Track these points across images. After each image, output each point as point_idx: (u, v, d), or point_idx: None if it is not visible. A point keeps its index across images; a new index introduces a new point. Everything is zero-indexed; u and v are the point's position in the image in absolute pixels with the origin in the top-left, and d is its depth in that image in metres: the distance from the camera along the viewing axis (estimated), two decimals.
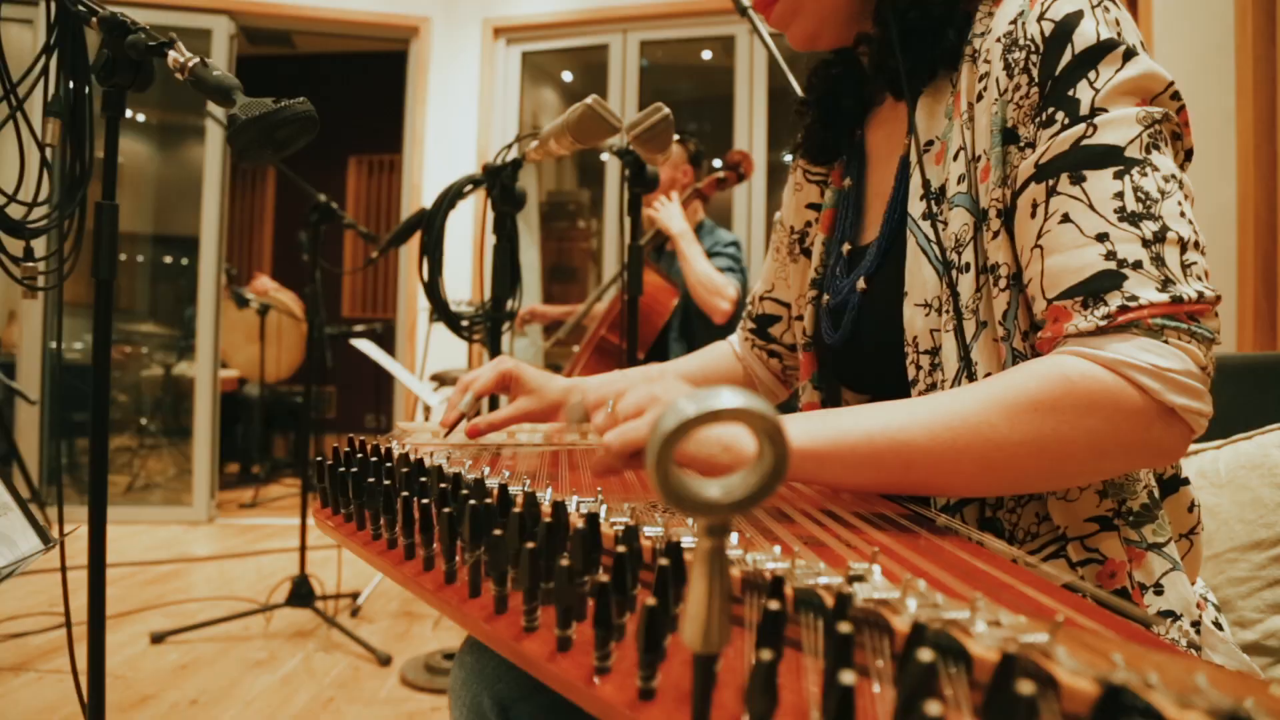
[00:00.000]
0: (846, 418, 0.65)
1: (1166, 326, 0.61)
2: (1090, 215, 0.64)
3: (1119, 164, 0.64)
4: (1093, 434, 0.61)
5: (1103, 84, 0.66)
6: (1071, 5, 0.69)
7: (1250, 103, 1.80)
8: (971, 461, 0.62)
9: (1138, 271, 0.62)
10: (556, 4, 4.65)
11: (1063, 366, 0.61)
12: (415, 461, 0.68)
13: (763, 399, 0.28)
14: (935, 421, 0.62)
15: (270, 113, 0.95)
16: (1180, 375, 0.60)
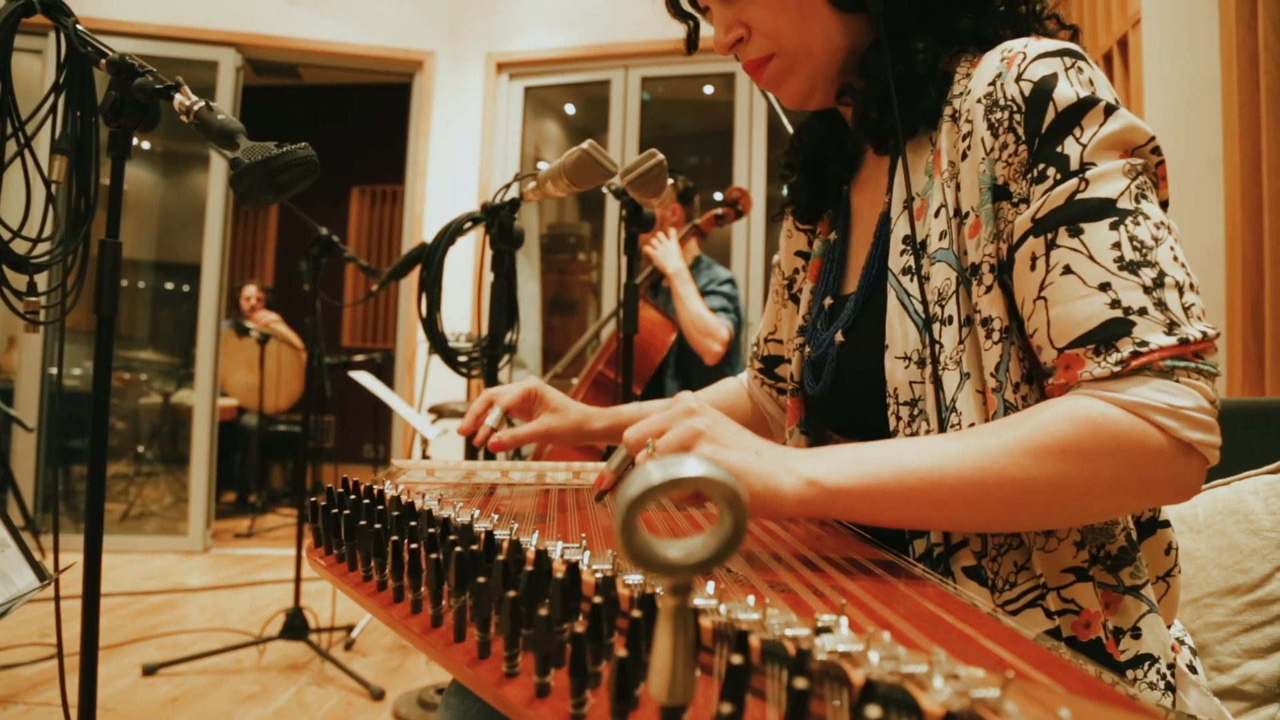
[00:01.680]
0: (875, 456, 0.67)
1: (1177, 367, 0.63)
2: (1091, 266, 0.67)
3: (1113, 215, 0.67)
4: (1118, 474, 0.64)
5: (1088, 139, 0.69)
6: (1046, 68, 0.72)
7: (1236, 147, 1.84)
8: (1000, 501, 0.65)
9: (1144, 318, 0.64)
10: (559, 40, 4.72)
11: (1086, 409, 0.64)
12: (406, 505, 0.70)
13: (721, 468, 0.30)
14: (965, 462, 0.64)
15: (273, 158, 0.97)
16: (1195, 412, 0.63)
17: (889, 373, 0.80)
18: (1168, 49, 2.20)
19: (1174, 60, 2.16)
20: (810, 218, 1.03)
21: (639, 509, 0.30)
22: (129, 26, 4.49)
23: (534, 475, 1.09)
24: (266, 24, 4.68)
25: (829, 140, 0.99)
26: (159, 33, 4.54)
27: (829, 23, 0.86)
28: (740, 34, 0.89)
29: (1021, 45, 0.75)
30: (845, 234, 0.97)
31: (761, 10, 0.86)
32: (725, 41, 0.90)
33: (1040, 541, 0.73)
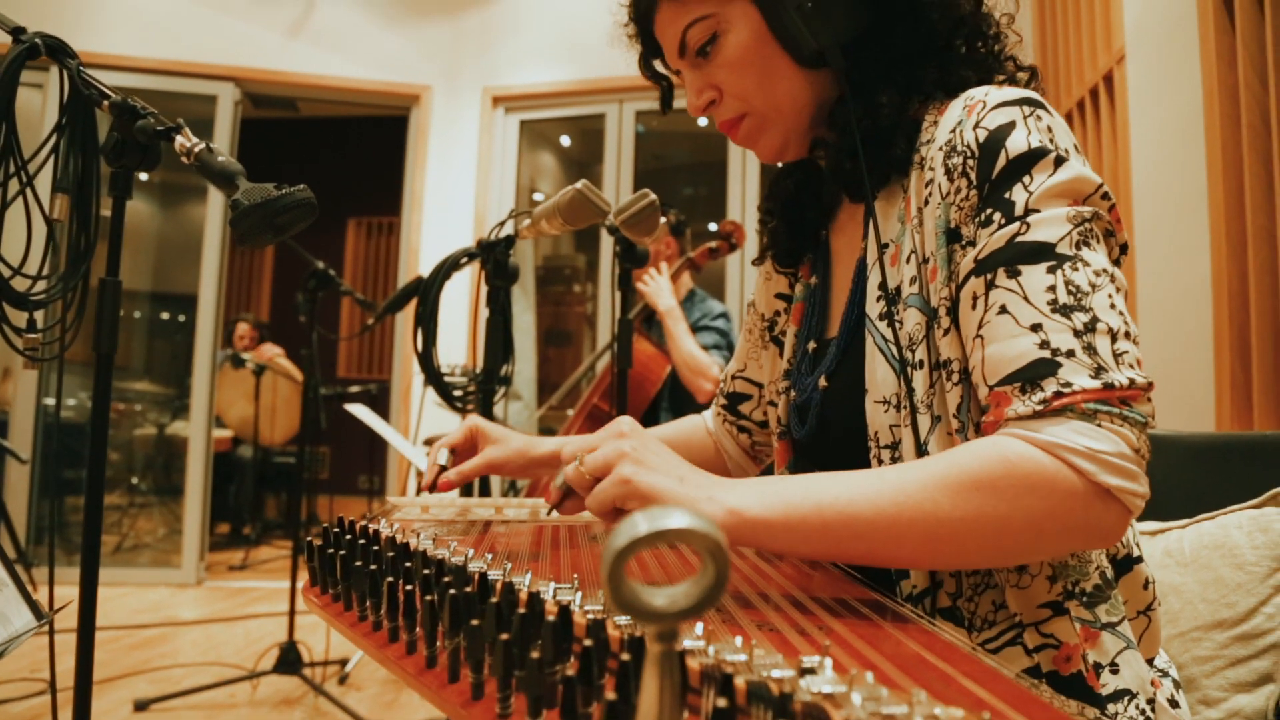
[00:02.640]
0: (797, 488, 0.67)
1: (1099, 411, 0.64)
2: (1025, 307, 0.68)
3: (1052, 259, 0.69)
4: (1031, 513, 0.63)
5: (1036, 187, 0.71)
6: (1004, 116, 0.74)
7: (1220, 182, 1.87)
8: (916, 536, 0.65)
9: (1071, 360, 0.65)
10: (554, 75, 4.78)
11: (1002, 447, 0.65)
12: (401, 545, 0.71)
13: (706, 520, 0.32)
14: (881, 496, 0.65)
15: (272, 200, 0.99)
16: (1113, 457, 0.63)
17: (870, 417, 0.81)
18: (1152, 85, 2.23)
19: (1158, 96, 2.20)
20: (790, 262, 1.05)
21: (625, 560, 0.31)
22: (129, 61, 4.53)
23: (528, 511, 1.10)
24: (266, 58, 4.73)
25: (806, 187, 1.01)
26: (159, 67, 4.58)
27: (795, 80, 0.88)
28: (712, 96, 0.91)
29: (983, 94, 0.77)
30: (826, 278, 0.99)
31: (729, 73, 0.89)
32: (698, 104, 0.92)
33: (1013, 579, 0.74)
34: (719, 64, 0.89)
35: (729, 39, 0.88)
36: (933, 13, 0.84)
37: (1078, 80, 2.73)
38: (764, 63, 0.87)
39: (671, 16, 0.90)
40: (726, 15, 0.87)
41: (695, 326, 2.72)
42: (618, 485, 0.68)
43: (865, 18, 0.84)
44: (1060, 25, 2.90)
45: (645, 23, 0.95)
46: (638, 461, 0.68)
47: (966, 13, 0.86)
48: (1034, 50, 3.15)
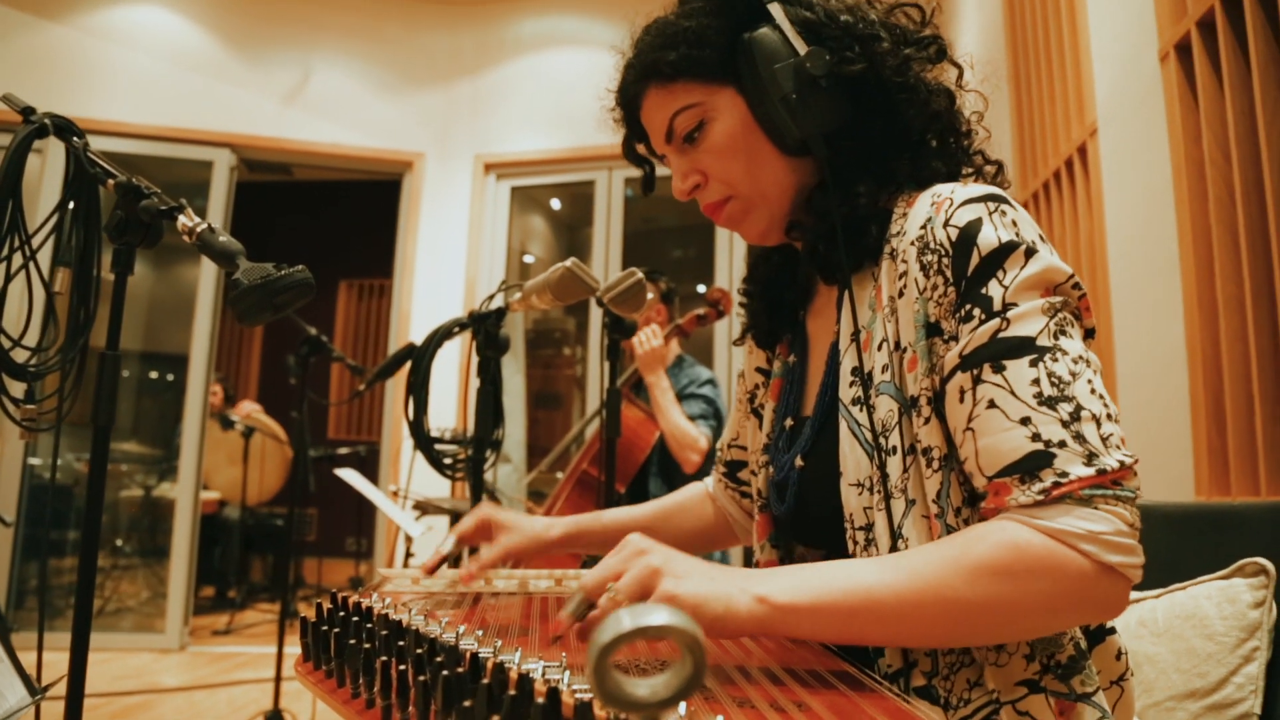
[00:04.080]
0: (823, 576, 0.71)
1: (1095, 495, 0.68)
2: (1013, 401, 0.72)
3: (1033, 353, 0.72)
4: (1044, 595, 0.68)
5: (1010, 281, 0.75)
6: (971, 213, 0.78)
7: (1191, 252, 1.92)
8: (935, 619, 0.69)
9: (1064, 450, 0.69)
10: (544, 143, 4.89)
11: (1011, 533, 0.69)
12: (394, 622, 0.73)
13: (685, 616, 0.34)
14: (900, 582, 0.69)
15: (272, 280, 1.02)
16: (1114, 536, 0.67)
17: (844, 499, 0.84)
18: (1123, 158, 2.31)
19: (1129, 168, 2.27)
20: (769, 342, 1.08)
21: (610, 654, 0.34)
22: (127, 127, 4.61)
23: (516, 583, 1.12)
24: (261, 125, 4.82)
25: (784, 270, 1.05)
26: (156, 133, 4.66)
27: (778, 166, 0.92)
28: (697, 180, 0.95)
29: (949, 191, 0.81)
30: (803, 357, 1.02)
31: (715, 159, 0.92)
32: (684, 188, 0.95)
33: (991, 657, 0.76)
34: (705, 150, 0.92)
35: (716, 126, 0.91)
36: (909, 109, 0.88)
37: (1053, 151, 2.81)
38: (750, 149, 0.91)
39: (659, 103, 0.94)
40: (714, 104, 0.91)
41: (682, 394, 2.75)
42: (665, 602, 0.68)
43: (846, 110, 0.88)
44: (1035, 98, 2.99)
45: (632, 109, 0.99)
46: (672, 574, 0.70)
47: (940, 109, 0.91)
48: (1011, 122, 3.24)
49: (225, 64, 4.87)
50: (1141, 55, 2.16)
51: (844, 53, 0.87)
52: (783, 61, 0.86)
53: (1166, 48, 2.01)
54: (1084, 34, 2.54)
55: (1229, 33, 1.78)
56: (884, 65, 0.87)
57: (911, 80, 0.89)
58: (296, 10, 4.99)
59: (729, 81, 0.91)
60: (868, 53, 0.87)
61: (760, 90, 0.88)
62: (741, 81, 0.90)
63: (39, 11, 4.64)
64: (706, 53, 0.89)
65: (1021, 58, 3.14)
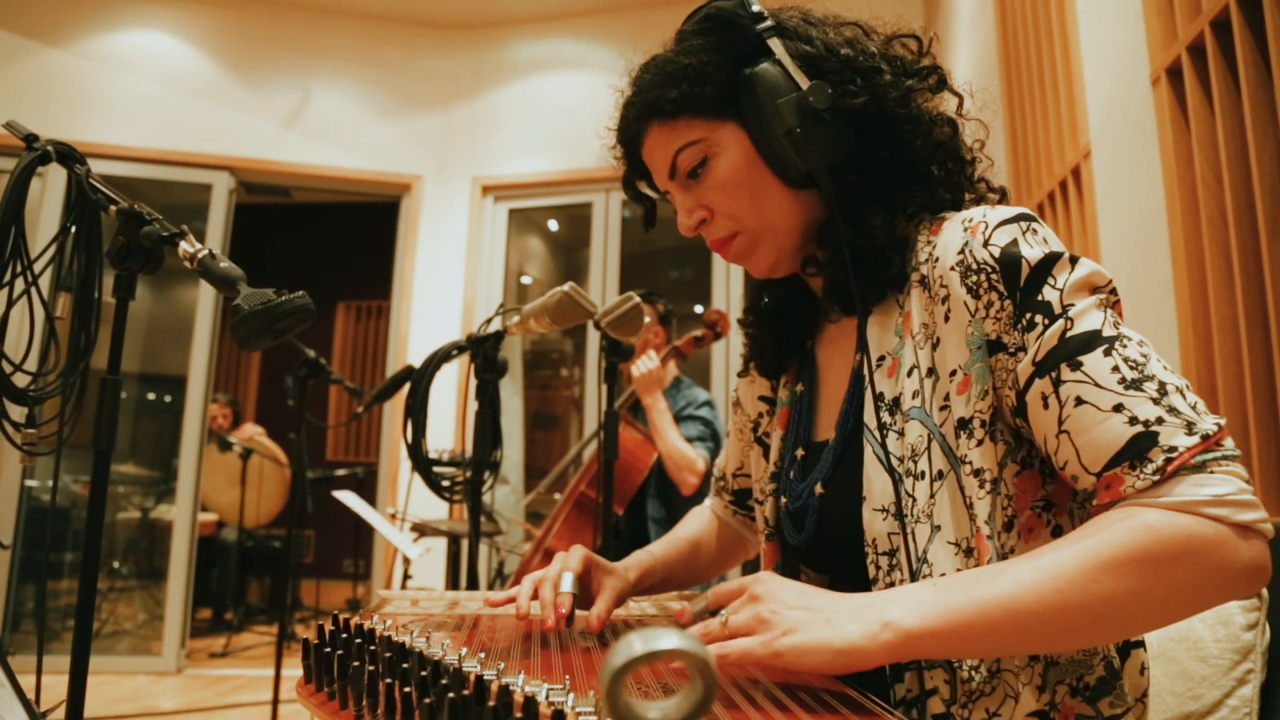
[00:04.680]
0: (957, 593, 0.69)
1: (1207, 460, 0.67)
2: (1100, 392, 0.72)
3: (1104, 344, 0.73)
4: (1191, 573, 0.66)
5: (1063, 284, 0.76)
6: (1008, 234, 0.79)
7: (1184, 273, 1.94)
8: (1085, 621, 0.68)
9: (1164, 426, 0.69)
10: (542, 165, 4.92)
11: (1141, 517, 0.67)
12: (397, 645, 0.73)
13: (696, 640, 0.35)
14: (1042, 586, 0.67)
15: (273, 306, 1.03)
16: (1237, 495, 0.66)
17: (867, 524, 0.84)
18: (1117, 180, 2.33)
19: (1123, 190, 2.29)
20: (774, 373, 1.08)
21: (623, 677, 0.35)
22: (127, 151, 4.63)
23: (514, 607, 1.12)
24: (260, 148, 4.85)
25: (791, 300, 1.05)
26: (156, 156, 4.69)
27: (784, 200, 0.92)
28: (703, 216, 0.95)
29: (981, 215, 0.82)
30: (812, 385, 1.02)
31: (719, 194, 0.93)
32: (689, 224, 0.96)
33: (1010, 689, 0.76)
34: (710, 185, 0.93)
35: (720, 162, 0.92)
36: (914, 139, 0.89)
37: (1048, 173, 2.84)
38: (754, 184, 0.91)
39: (661, 141, 0.94)
40: (717, 139, 0.91)
41: (679, 415, 2.76)
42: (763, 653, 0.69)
43: (850, 142, 0.89)
44: (1029, 121, 3.02)
45: (633, 146, 0.99)
46: (778, 628, 0.69)
47: (944, 138, 0.92)
48: (1005, 144, 3.27)
49: (225, 88, 4.90)
50: (1133, 79, 2.19)
51: (846, 86, 0.87)
52: (785, 96, 0.87)
53: (1158, 71, 2.03)
54: (1076, 57, 2.57)
55: (1219, 57, 1.80)
56: (887, 97, 0.88)
57: (914, 111, 0.90)
58: (296, 35, 5.03)
59: (731, 117, 0.91)
60: (870, 85, 0.88)
61: (763, 125, 0.88)
62: (744, 116, 0.90)
63: (41, 37, 4.67)
64: (708, 89, 0.90)
65: (1015, 81, 3.17)
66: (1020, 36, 3.09)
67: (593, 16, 5.04)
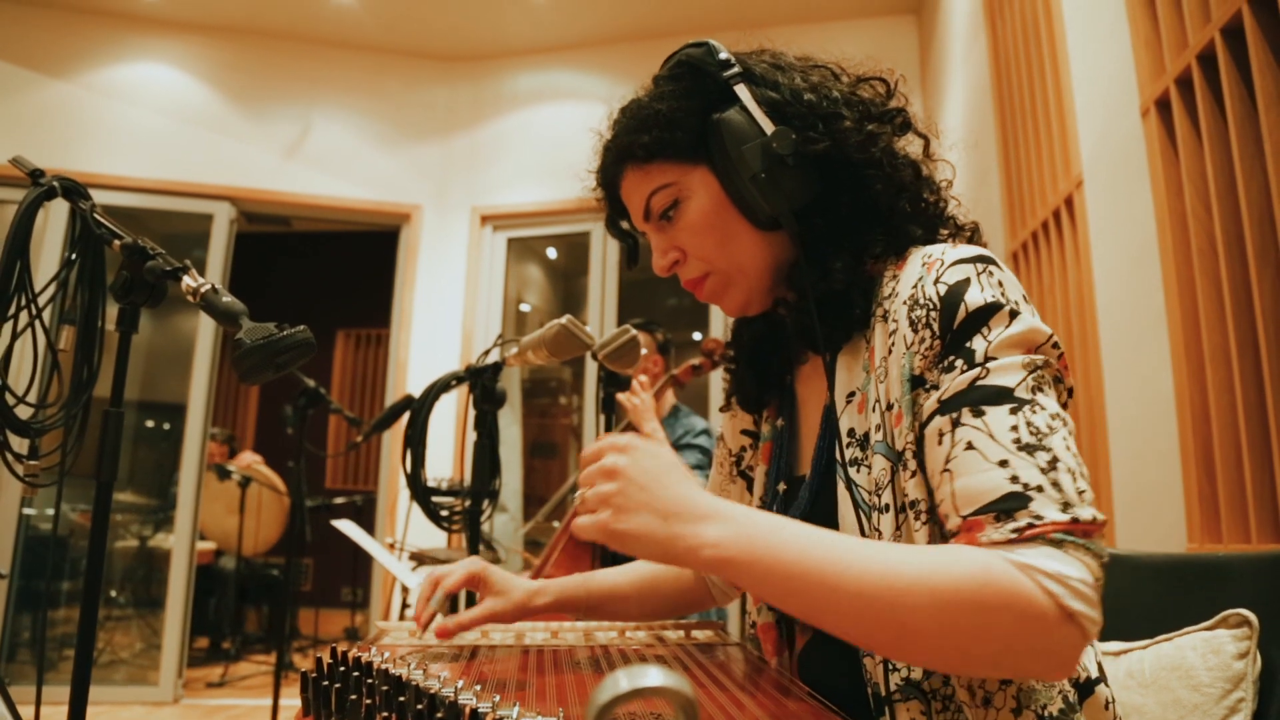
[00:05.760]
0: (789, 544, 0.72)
1: (1066, 540, 0.68)
2: (992, 444, 0.73)
3: (1012, 402, 0.74)
4: (1004, 629, 0.66)
5: (994, 337, 0.77)
6: (961, 273, 0.81)
7: (1176, 303, 1.96)
8: (888, 625, 0.69)
9: (1041, 494, 0.70)
10: (540, 194, 4.96)
11: (985, 561, 0.68)
12: (394, 678, 0.74)
13: (681, 677, 0.36)
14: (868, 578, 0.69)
15: (275, 340, 1.05)
16: (1079, 583, 0.66)
17: None
18: (1109, 210, 2.36)
19: (1115, 220, 2.32)
20: (755, 408, 1.10)
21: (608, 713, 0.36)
22: (129, 181, 4.68)
23: (513, 636, 1.13)
24: (261, 179, 4.89)
25: (768, 336, 1.07)
26: (157, 187, 4.73)
27: (753, 242, 0.95)
28: (676, 257, 0.98)
29: (940, 252, 0.84)
30: (792, 419, 1.04)
31: (690, 236, 0.96)
32: (663, 264, 0.99)
33: (981, 715, 0.78)
34: (681, 227, 0.96)
35: (690, 205, 0.95)
36: (876, 182, 0.91)
37: (1041, 203, 2.87)
38: (724, 226, 0.94)
39: (636, 184, 0.98)
40: (687, 183, 0.95)
41: (677, 444, 2.77)
42: (600, 532, 0.76)
43: (815, 186, 0.91)
44: (1022, 151, 3.06)
45: (612, 188, 1.03)
46: (623, 510, 0.75)
47: (907, 180, 0.94)
48: (999, 174, 3.31)
49: (226, 119, 4.95)
50: (1123, 110, 2.22)
51: (808, 132, 0.90)
52: (750, 142, 0.89)
53: (1147, 104, 2.07)
54: (1067, 88, 2.61)
55: (1206, 90, 1.83)
56: (847, 141, 0.90)
57: (876, 154, 0.92)
58: (297, 66, 5.09)
59: (701, 161, 0.94)
60: (830, 131, 0.90)
61: (731, 169, 0.91)
62: (713, 161, 0.93)
63: (45, 69, 4.73)
64: (678, 135, 0.93)
65: (1008, 110, 3.21)
66: (1012, 67, 3.13)
67: (590, 48, 5.10)
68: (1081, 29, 2.54)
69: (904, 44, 4.64)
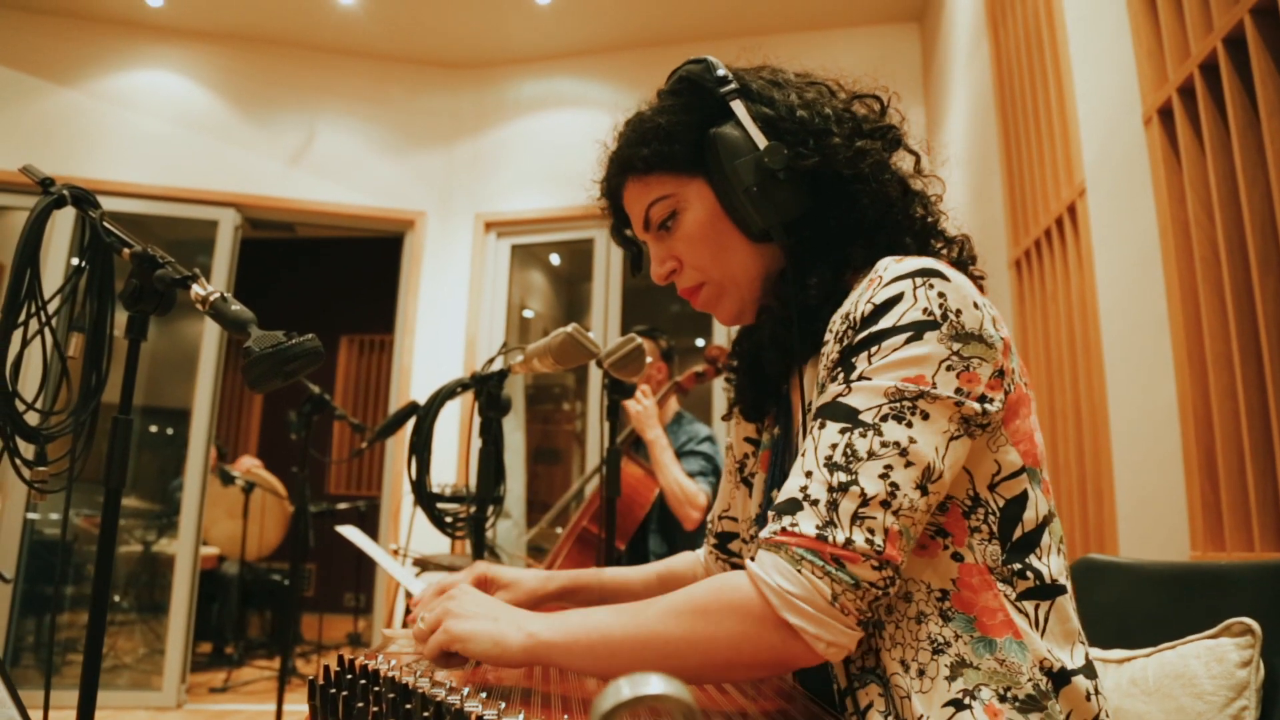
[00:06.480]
0: (581, 618, 0.82)
1: (805, 559, 0.73)
2: (810, 456, 0.78)
3: (848, 423, 0.77)
4: (731, 635, 0.75)
5: (877, 359, 0.79)
6: (893, 291, 0.81)
7: (1179, 310, 1.96)
8: (650, 654, 0.77)
9: (812, 508, 0.74)
10: (544, 202, 4.97)
11: (726, 577, 0.77)
12: (400, 685, 0.75)
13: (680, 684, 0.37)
14: (630, 622, 0.79)
15: (284, 349, 1.06)
16: (798, 600, 0.72)
17: None
18: (1111, 217, 2.36)
19: (1118, 227, 2.32)
20: (756, 416, 1.12)
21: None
22: (134, 188, 4.70)
23: None
24: (266, 186, 4.91)
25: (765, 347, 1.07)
26: (163, 194, 4.75)
27: (745, 253, 0.98)
28: (673, 266, 1.01)
29: (884, 267, 0.85)
30: (787, 428, 1.06)
31: (687, 246, 0.99)
32: (661, 273, 1.03)
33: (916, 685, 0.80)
34: (678, 237, 1.00)
35: (687, 216, 0.98)
36: (863, 198, 0.93)
37: (1044, 210, 2.87)
38: (718, 237, 0.97)
39: (637, 194, 1.01)
40: (684, 195, 0.98)
41: (681, 451, 2.77)
42: (441, 635, 0.85)
43: (806, 200, 0.94)
44: (1025, 159, 3.06)
45: (615, 198, 1.07)
46: (459, 616, 0.85)
47: (894, 196, 0.95)
48: (1003, 181, 3.31)
49: (231, 126, 4.97)
50: (1126, 119, 2.23)
51: (799, 148, 0.93)
52: (744, 156, 0.92)
53: (1150, 112, 2.07)
54: (1070, 97, 2.62)
55: (1208, 98, 1.84)
56: (835, 158, 0.93)
57: (865, 170, 0.94)
58: (301, 74, 5.11)
59: (698, 173, 0.97)
60: (820, 146, 0.93)
61: (726, 182, 0.94)
62: (710, 174, 0.96)
63: (52, 77, 4.75)
64: (677, 148, 0.97)
65: (1011, 118, 3.22)
66: (1015, 76, 3.14)
67: (594, 56, 5.12)
68: (1084, 37, 2.55)
69: (906, 52, 4.65)
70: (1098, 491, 2.45)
